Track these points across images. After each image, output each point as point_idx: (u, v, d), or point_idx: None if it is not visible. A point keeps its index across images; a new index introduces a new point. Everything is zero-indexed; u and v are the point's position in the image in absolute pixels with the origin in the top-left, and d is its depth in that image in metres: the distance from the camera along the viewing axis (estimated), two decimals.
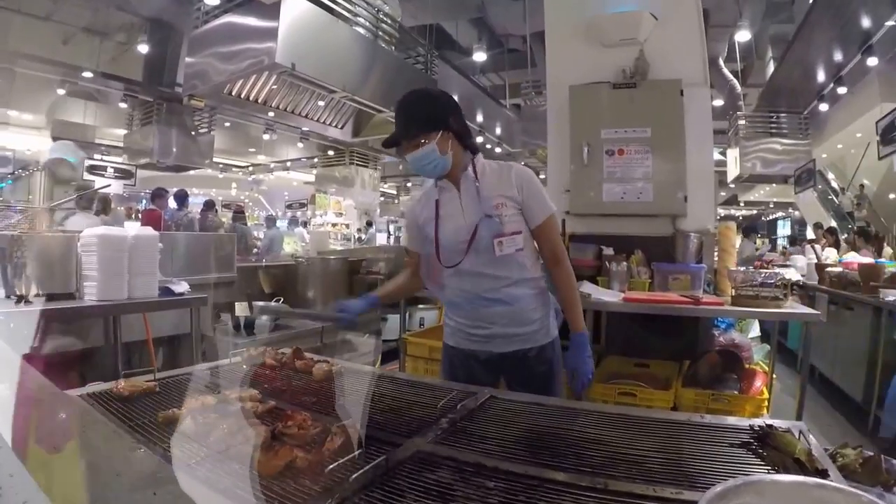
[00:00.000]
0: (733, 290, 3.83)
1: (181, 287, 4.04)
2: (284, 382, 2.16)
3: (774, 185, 15.45)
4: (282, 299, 5.29)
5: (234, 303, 4.93)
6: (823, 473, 1.35)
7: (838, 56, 8.83)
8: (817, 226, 12.57)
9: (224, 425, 1.53)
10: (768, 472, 1.39)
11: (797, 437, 1.56)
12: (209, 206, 11.72)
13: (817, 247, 10.15)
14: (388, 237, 20.07)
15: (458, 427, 1.74)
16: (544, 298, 2.53)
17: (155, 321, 4.27)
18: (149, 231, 4.01)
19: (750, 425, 1.66)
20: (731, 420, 1.82)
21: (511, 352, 2.47)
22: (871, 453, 2.36)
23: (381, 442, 1.56)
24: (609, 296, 3.90)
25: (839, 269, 6.76)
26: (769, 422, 1.66)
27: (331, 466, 1.32)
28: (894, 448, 4.22)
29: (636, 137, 4.51)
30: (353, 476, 1.30)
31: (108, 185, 10.70)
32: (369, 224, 18.59)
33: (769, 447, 1.50)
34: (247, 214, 16.28)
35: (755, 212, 27.79)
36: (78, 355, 4.03)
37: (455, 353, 2.59)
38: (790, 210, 24.72)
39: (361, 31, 4.96)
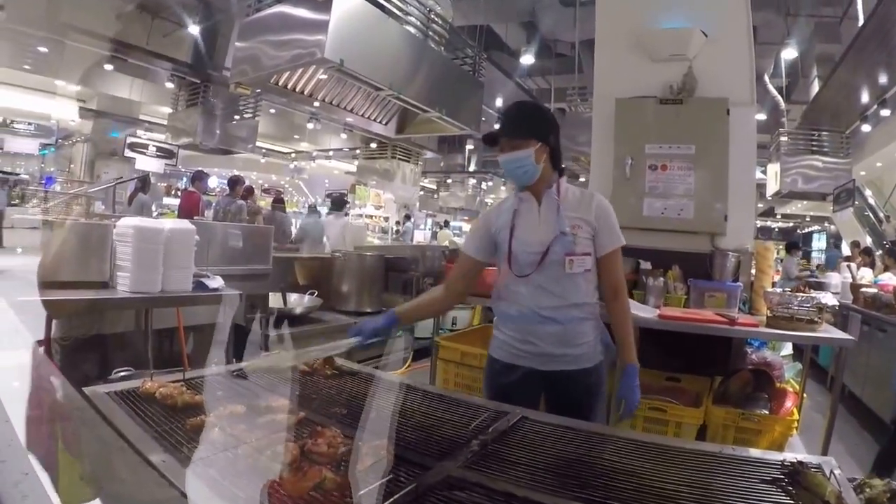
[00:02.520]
0: (769, 311, 3.83)
1: (216, 282, 4.00)
2: (314, 391, 2.19)
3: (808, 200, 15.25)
4: (316, 292, 5.31)
5: (268, 294, 4.93)
6: None
7: (884, 79, 8.71)
8: (854, 244, 12.41)
9: (253, 438, 1.53)
10: None
11: (828, 476, 1.55)
12: (248, 192, 11.71)
13: (852, 265, 10.04)
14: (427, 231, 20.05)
15: (488, 451, 1.74)
16: (595, 324, 2.58)
17: (187, 310, 4.23)
18: (185, 224, 3.97)
19: (781, 461, 1.66)
20: (762, 453, 1.82)
21: (555, 371, 2.51)
22: None
23: (410, 463, 1.56)
24: (645, 311, 3.89)
25: (874, 290, 6.71)
26: (800, 458, 1.67)
27: (361, 492, 1.30)
28: None
29: (680, 154, 4.51)
30: None
31: (148, 173, 10.85)
32: (407, 217, 18.57)
33: (799, 486, 1.50)
34: (286, 200, 16.27)
35: (791, 224, 27.45)
36: (107, 339, 4.00)
37: (500, 367, 2.64)
38: (826, 224, 24.37)
39: (412, 30, 4.97)
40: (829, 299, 6.33)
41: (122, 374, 2.77)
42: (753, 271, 4.46)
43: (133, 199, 10.47)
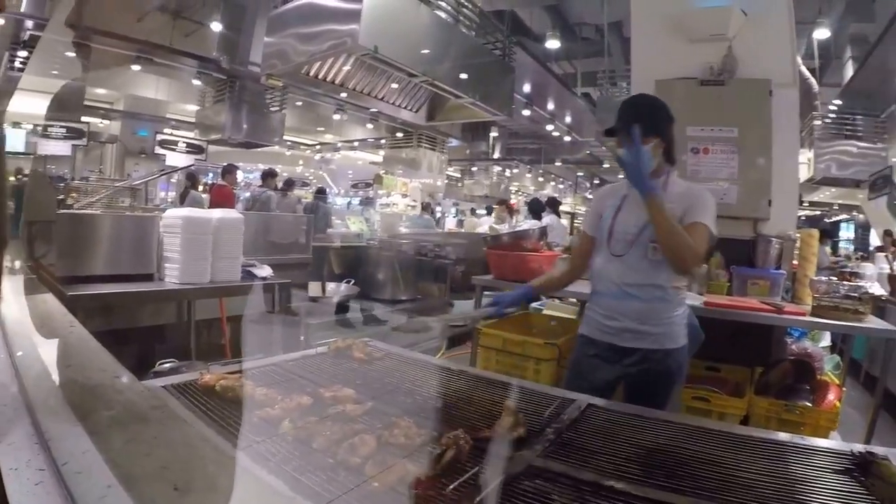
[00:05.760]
0: (814, 300, 3.73)
1: (264, 271, 4.04)
2: (374, 380, 2.14)
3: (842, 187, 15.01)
4: (353, 281, 5.30)
5: (307, 283, 4.93)
6: None
7: None
8: (887, 233, 12.18)
9: (327, 431, 1.50)
10: None
11: None
12: (288, 184, 11.93)
13: (889, 256, 9.84)
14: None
15: (564, 439, 1.71)
16: (679, 308, 2.67)
17: (230, 300, 4.26)
18: (233, 214, 4.01)
19: (850, 451, 1.63)
20: (830, 443, 1.80)
21: (636, 348, 2.60)
22: None
23: (487, 453, 1.50)
24: (690, 299, 3.80)
25: None
26: (870, 449, 1.63)
27: (451, 486, 1.28)
28: None
29: (722, 137, 4.44)
30: (478, 498, 1.25)
31: (191, 166, 10.94)
32: (426, 207, 18.44)
33: (874, 477, 1.47)
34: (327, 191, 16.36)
35: (818, 212, 27.10)
36: (149, 331, 4.04)
37: (587, 343, 2.77)
38: (854, 213, 24.06)
39: (443, 15, 4.95)
40: (876, 289, 6.22)
41: (168, 365, 2.77)
42: (796, 263, 4.34)
43: (185, 197, 10.47)
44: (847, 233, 26.57)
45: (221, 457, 1.26)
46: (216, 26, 11.38)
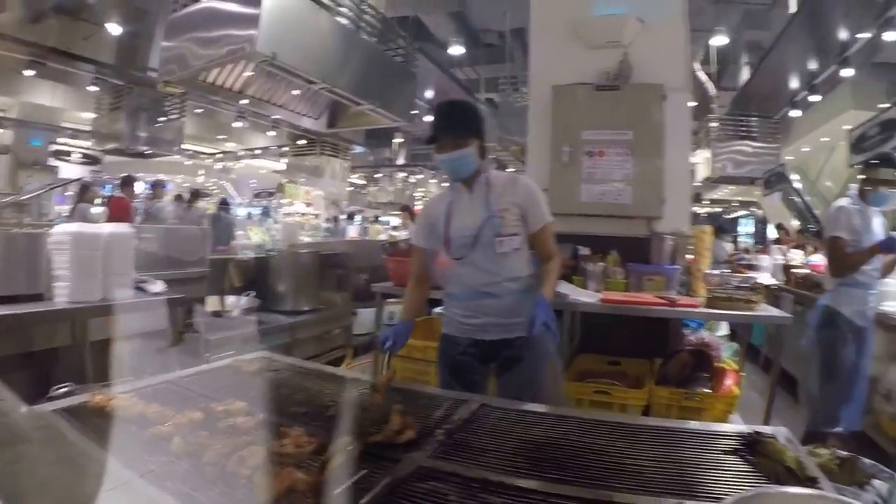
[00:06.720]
0: (707, 292, 3.89)
1: (157, 287, 3.91)
2: (268, 391, 2.13)
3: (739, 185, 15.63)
4: (254, 293, 5.20)
5: (205, 297, 4.80)
6: (814, 481, 1.41)
7: (813, 65, 8.94)
8: (779, 226, 12.74)
9: (218, 445, 1.50)
10: (766, 482, 1.45)
11: (784, 443, 1.61)
12: (194, 195, 11.67)
13: (784, 248, 10.28)
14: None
15: (455, 439, 1.74)
16: (532, 295, 2.71)
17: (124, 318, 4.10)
18: (124, 228, 3.86)
19: (738, 432, 1.72)
20: (719, 427, 1.88)
21: (499, 340, 2.75)
22: (844, 453, 2.44)
23: (378, 457, 1.55)
24: (587, 296, 3.94)
25: (806, 270, 6.86)
26: (756, 429, 1.73)
27: (338, 489, 1.29)
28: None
29: (617, 140, 4.54)
30: (364, 500, 1.28)
31: (80, 178, 10.57)
32: (350, 216, 18.28)
33: (759, 455, 1.56)
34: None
35: (719, 209, 27.98)
36: (42, 355, 3.80)
37: (451, 341, 2.90)
38: (752, 209, 24.95)
39: (343, 21, 4.92)
40: (766, 279, 6.50)
41: (64, 389, 2.67)
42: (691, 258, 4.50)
43: (75, 210, 10.04)
44: (747, 227, 27.44)
45: (104, 472, 1.25)
46: (115, 29, 10.97)
